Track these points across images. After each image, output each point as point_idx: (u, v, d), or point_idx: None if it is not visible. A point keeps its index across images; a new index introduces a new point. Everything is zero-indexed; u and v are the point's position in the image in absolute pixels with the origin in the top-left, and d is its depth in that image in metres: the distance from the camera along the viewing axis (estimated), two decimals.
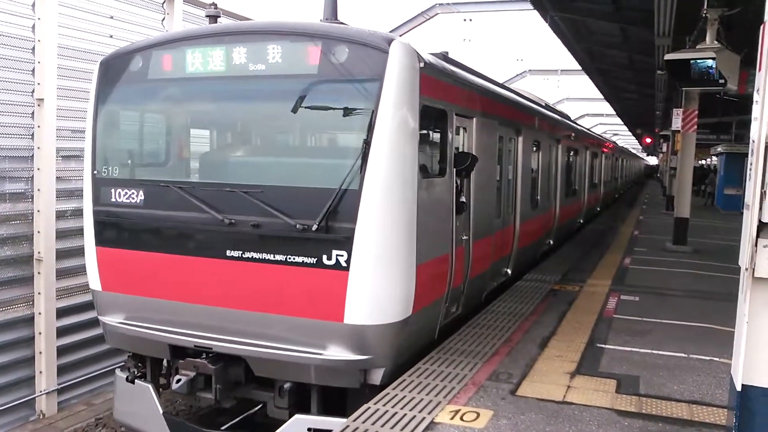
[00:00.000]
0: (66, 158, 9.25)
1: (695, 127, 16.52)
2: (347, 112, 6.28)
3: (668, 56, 11.06)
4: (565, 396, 5.97)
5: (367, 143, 5.92)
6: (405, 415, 5.38)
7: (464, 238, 7.99)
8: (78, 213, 9.44)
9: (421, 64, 6.41)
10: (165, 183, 6.79)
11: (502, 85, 11.81)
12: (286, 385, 6.44)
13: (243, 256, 6.37)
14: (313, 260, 6.08)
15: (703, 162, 46.84)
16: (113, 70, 7.17)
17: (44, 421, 8.93)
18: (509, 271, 10.83)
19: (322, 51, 6.17)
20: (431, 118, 6.89)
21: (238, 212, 6.34)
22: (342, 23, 6.92)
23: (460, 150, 7.89)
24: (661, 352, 7.42)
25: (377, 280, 6.06)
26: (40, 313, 8.85)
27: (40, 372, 8.93)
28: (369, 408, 5.52)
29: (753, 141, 4.08)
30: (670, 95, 20.58)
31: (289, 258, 6.17)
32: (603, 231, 19.81)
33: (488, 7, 18.76)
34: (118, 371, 7.75)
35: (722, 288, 10.92)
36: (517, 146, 10.88)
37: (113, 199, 7.00)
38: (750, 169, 4.10)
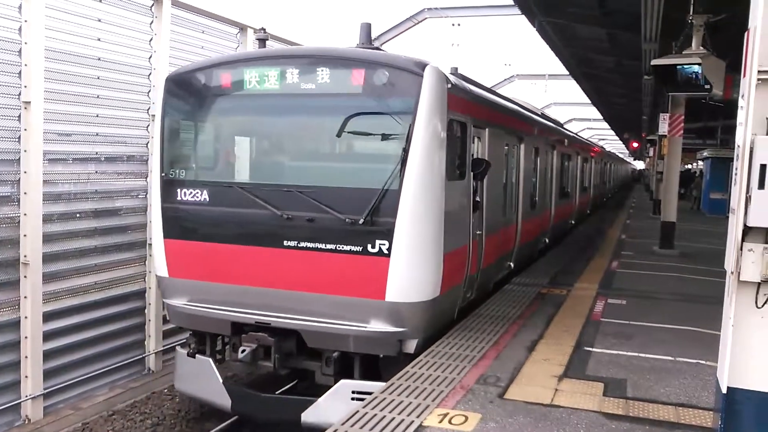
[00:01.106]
0: (53, 161, 9.19)
1: (681, 131, 16.65)
2: (387, 125, 7.32)
3: (655, 61, 11.13)
4: (552, 399, 6.00)
5: (405, 151, 7.07)
6: (393, 419, 5.38)
7: (478, 233, 9.11)
8: (64, 216, 9.42)
9: (449, 85, 7.59)
10: (230, 184, 7.98)
11: (505, 98, 13.07)
12: (335, 354, 7.50)
13: (298, 245, 7.47)
14: (359, 248, 7.20)
15: (690, 166, 47.18)
16: (178, 86, 8.24)
17: (30, 426, 8.86)
18: (512, 265, 11.94)
19: (365, 74, 7.34)
20: (455, 129, 7.96)
21: (294, 209, 7.44)
22: (377, 48, 8.49)
23: (476, 156, 8.97)
24: (647, 355, 7.46)
25: (413, 265, 7.20)
26: (26, 317, 8.77)
27: (26, 376, 8.85)
28: (358, 412, 5.53)
29: (738, 146, 4.13)
30: (656, 100, 20.72)
31: (339, 247, 7.28)
32: (590, 235, 19.90)
33: (477, 11, 18.83)
34: (178, 348, 8.78)
35: (708, 291, 10.99)
36: (519, 153, 12.02)
37: (179, 198, 8.06)
38: (735, 174, 4.15)
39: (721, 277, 4.40)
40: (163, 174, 8.20)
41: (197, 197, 7.96)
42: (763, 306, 4.12)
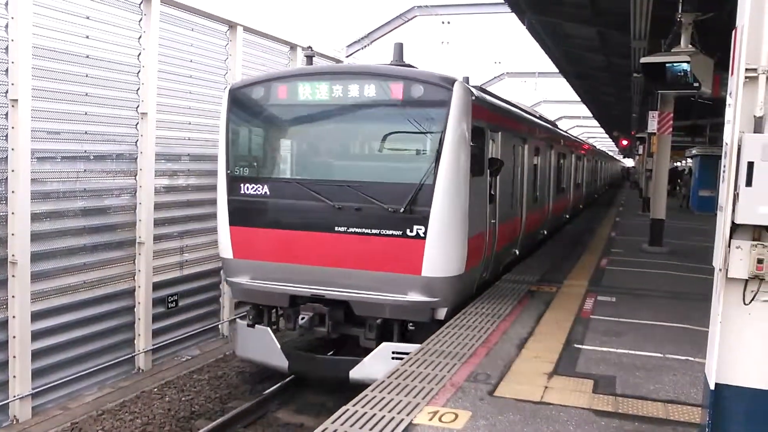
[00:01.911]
0: (41, 160, 9.13)
1: (671, 129, 16.71)
2: (423, 130, 8.76)
3: (644, 59, 11.18)
4: (542, 396, 6.01)
5: (438, 152, 8.47)
6: (383, 417, 5.38)
7: (492, 222, 10.52)
8: (53, 215, 9.36)
9: (472, 97, 9.00)
10: (288, 179, 9.42)
11: (511, 103, 14.30)
12: (377, 321, 8.85)
13: (347, 230, 8.84)
14: (399, 232, 8.60)
15: (678, 164, 47.37)
16: (240, 96, 9.58)
17: (18, 427, 8.81)
18: (517, 252, 13.27)
19: (404, 88, 8.73)
20: (476, 134, 9.28)
21: (344, 200, 8.81)
22: (409, 65, 9.83)
23: (491, 156, 10.30)
24: (637, 353, 7.49)
25: (444, 247, 8.58)
26: (14, 317, 8.72)
27: (14, 376, 8.79)
28: (347, 410, 5.52)
29: (726, 144, 4.15)
30: (646, 98, 20.79)
31: (382, 231, 8.69)
32: (580, 231, 19.96)
33: (466, 9, 18.82)
34: (238, 320, 10.26)
35: (698, 288, 11.04)
36: (523, 153, 13.33)
37: (243, 191, 9.40)
38: (723, 172, 4.16)
39: (709, 274, 4.43)
40: (228, 171, 9.51)
41: (258, 191, 9.35)
42: (750, 303, 4.13)
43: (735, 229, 4.13)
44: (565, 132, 26.29)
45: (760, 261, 4.05)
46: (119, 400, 9.63)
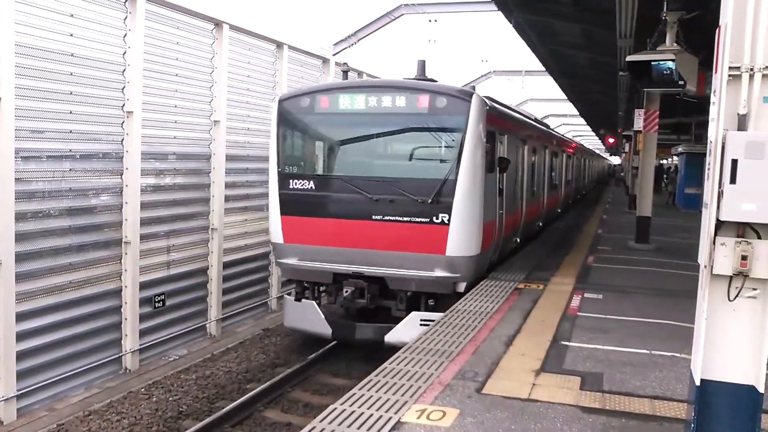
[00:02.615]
0: (26, 159, 9.06)
1: (656, 127, 16.79)
2: (446, 135, 10.45)
3: (630, 58, 11.22)
4: (530, 393, 6.03)
5: (460, 153, 10.08)
6: (371, 415, 5.38)
7: (500, 212, 12.14)
8: (38, 215, 9.29)
9: (487, 107, 10.62)
10: (332, 176, 11.06)
11: (513, 109, 16.37)
12: (408, 294, 10.53)
13: (383, 218, 10.44)
14: (427, 220, 10.19)
15: (664, 161, 47.62)
16: (288, 105, 11.17)
17: (3, 429, 8.73)
18: (518, 240, 14.95)
19: (430, 99, 10.34)
20: (488, 137, 10.76)
21: (380, 193, 10.41)
22: (431, 80, 11.52)
23: (500, 156, 11.81)
24: (624, 349, 7.53)
25: (464, 231, 10.17)
26: None
27: None
28: (335, 409, 5.52)
29: (711, 141, 4.17)
30: (632, 96, 20.89)
31: (413, 219, 10.28)
32: (568, 229, 20.04)
33: (453, 8, 18.83)
34: (286, 296, 11.94)
35: (684, 285, 11.09)
36: (523, 152, 14.87)
37: (292, 186, 10.99)
38: (708, 169, 4.19)
39: (695, 271, 4.45)
40: (279, 170, 11.08)
41: (305, 186, 10.95)
42: (735, 299, 4.16)
43: (720, 226, 4.15)
44: (557, 133, 28.40)
45: (744, 257, 4.07)
46: (106, 400, 9.58)
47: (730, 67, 4.04)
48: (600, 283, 11.38)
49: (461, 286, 10.50)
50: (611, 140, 45.72)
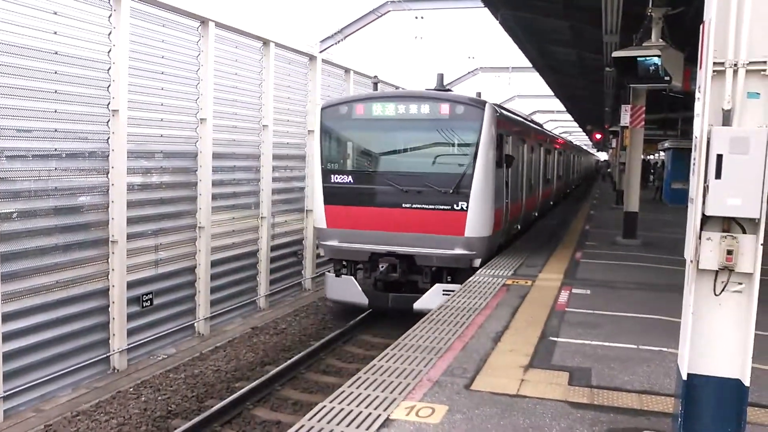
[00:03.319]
0: (11, 158, 8.99)
1: (643, 123, 16.86)
2: (464, 137, 12.58)
3: (615, 53, 11.25)
4: (518, 389, 6.04)
5: (475, 152, 12.26)
6: (360, 412, 5.38)
7: (506, 201, 14.36)
8: (24, 214, 9.22)
9: (497, 114, 12.92)
10: (368, 171, 13.11)
11: (514, 113, 18.86)
12: (433, 269, 12.65)
13: (412, 206, 12.51)
14: (449, 207, 12.30)
15: (651, 157, 47.83)
16: (329, 112, 13.26)
17: None
18: (519, 227, 16.97)
19: (450, 107, 12.49)
20: (498, 138, 12.88)
21: (409, 185, 12.49)
22: (449, 89, 14.58)
23: (506, 154, 13.88)
24: (612, 344, 7.56)
25: (479, 216, 12.29)
26: None
27: None
28: (324, 406, 5.51)
29: (696, 137, 4.19)
30: (618, 92, 20.95)
31: (436, 206, 12.37)
32: (555, 225, 20.10)
33: (440, 4, 18.82)
34: (327, 273, 13.77)
35: (671, 280, 11.17)
36: (524, 150, 17.06)
37: (333, 180, 13.07)
38: (693, 164, 4.21)
39: (682, 266, 4.48)
40: (322, 166, 13.18)
41: (345, 179, 13.02)
42: (720, 294, 4.19)
43: (705, 221, 4.18)
44: (549, 131, 31.05)
45: (729, 252, 4.11)
46: (94, 400, 9.53)
47: (714, 63, 4.07)
48: (588, 279, 11.43)
49: (477, 262, 12.49)
50: (598, 136, 45.84)
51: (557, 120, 52.71)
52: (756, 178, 4.00)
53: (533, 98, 39.78)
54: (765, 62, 4.01)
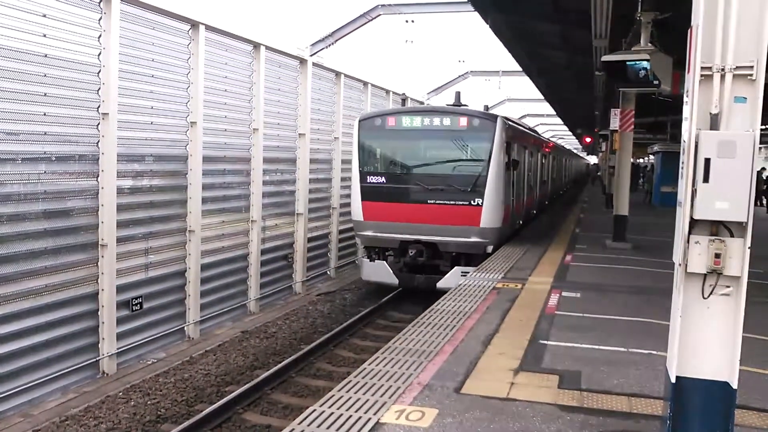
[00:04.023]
0: (0, 162, 8.94)
1: (632, 126, 16.96)
2: (479, 145, 14.87)
3: (605, 58, 11.31)
4: (509, 393, 6.06)
5: (489, 157, 14.59)
6: (350, 416, 5.37)
7: (512, 198, 16.79)
8: (13, 218, 9.17)
9: (506, 126, 15.30)
10: (398, 172, 15.62)
11: (518, 123, 21.20)
12: (453, 254, 14.94)
13: (435, 202, 14.84)
14: (466, 202, 14.62)
15: (641, 160, 48.02)
16: (365, 123, 15.80)
17: None
18: (520, 222, 19.14)
19: (467, 119, 14.93)
20: (507, 146, 15.31)
21: (433, 184, 14.86)
22: (464, 105, 16.76)
23: (512, 159, 16.25)
24: (602, 347, 7.59)
25: (491, 210, 14.58)
26: None
27: None
28: (314, 410, 5.51)
29: (684, 141, 4.22)
30: (608, 96, 21.03)
31: (456, 202, 14.71)
32: (545, 228, 20.16)
33: (430, 8, 18.86)
34: (363, 258, 16.38)
35: (660, 283, 11.23)
36: (525, 156, 19.41)
37: (369, 181, 15.49)
38: (682, 168, 4.24)
39: (671, 269, 4.50)
40: (360, 169, 15.58)
41: (379, 180, 15.44)
42: (709, 297, 4.21)
43: (694, 224, 4.20)
44: (545, 138, 34.14)
45: (717, 255, 4.13)
46: (83, 405, 9.48)
47: (702, 67, 4.09)
48: (578, 282, 11.47)
49: (489, 248, 14.87)
50: (588, 139, 46.02)
51: (547, 123, 52.84)
52: (743, 181, 4.03)
53: (524, 102, 39.89)
54: (752, 67, 4.04)
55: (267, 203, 15.59)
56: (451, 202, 14.72)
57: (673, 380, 4.31)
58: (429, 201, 14.87)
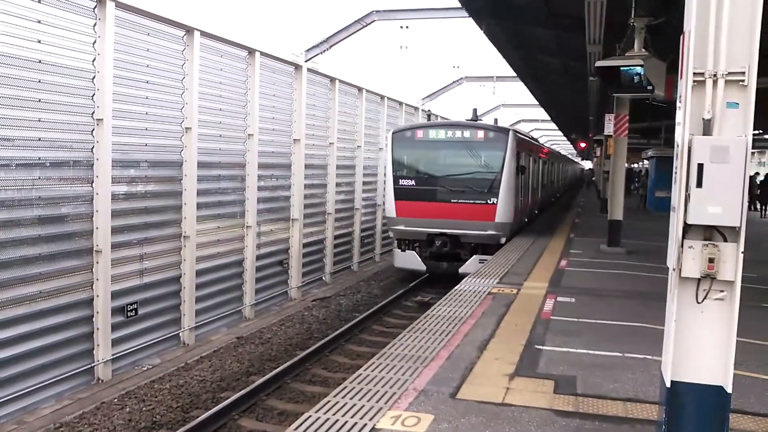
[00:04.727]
0: None
1: (626, 131, 17.01)
2: (494, 153, 17.49)
3: (599, 63, 11.35)
4: (504, 398, 6.06)
5: (502, 164, 17.30)
6: (346, 422, 5.37)
7: (521, 199, 19.38)
8: (7, 224, 9.14)
9: (516, 137, 18.11)
10: (426, 176, 18.13)
11: (524, 134, 25.45)
12: (472, 244, 17.47)
13: (458, 201, 17.41)
14: (483, 201, 17.21)
15: (636, 165, 48.12)
16: (398, 135, 18.49)
17: None
18: (526, 219, 21.72)
19: (484, 133, 17.87)
20: (517, 155, 17.94)
21: (455, 186, 17.51)
22: (480, 119, 21.86)
23: (520, 165, 18.89)
24: (597, 352, 7.60)
25: (504, 208, 17.25)
26: None
27: None
28: (310, 416, 5.50)
29: (677, 145, 4.24)
30: (602, 101, 21.11)
31: (475, 201, 17.31)
32: (539, 232, 20.19)
33: (425, 14, 18.89)
34: (395, 248, 18.77)
35: (654, 288, 11.25)
36: (530, 162, 21.71)
37: (401, 183, 18.10)
38: (675, 173, 4.25)
39: (665, 274, 4.51)
40: (394, 173, 18.31)
41: (409, 182, 18.17)
42: (703, 301, 4.23)
43: (687, 229, 4.22)
44: (545, 145, 37.03)
45: (711, 260, 4.15)
46: (78, 411, 9.44)
47: (694, 73, 4.12)
48: (573, 287, 11.48)
49: (503, 240, 17.51)
50: (583, 145, 46.16)
51: (542, 129, 52.97)
52: (736, 186, 4.05)
53: (518, 107, 39.96)
54: (743, 72, 4.07)
55: (262, 209, 15.58)
56: (471, 201, 17.41)
57: (668, 385, 4.32)
58: (452, 200, 17.57)
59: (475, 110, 21.22)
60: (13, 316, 9.27)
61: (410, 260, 18.23)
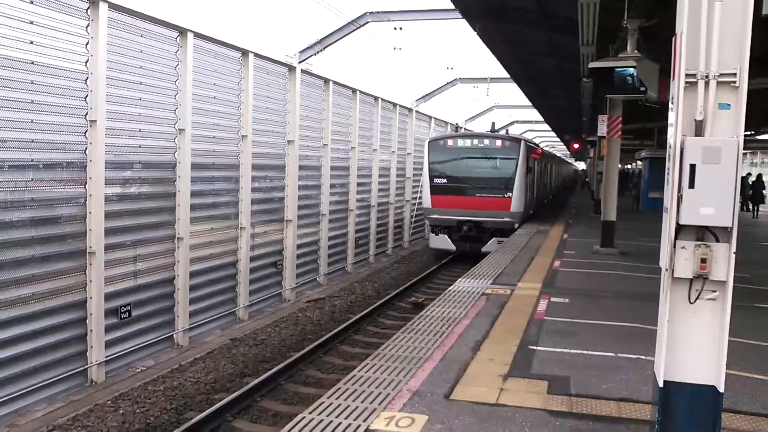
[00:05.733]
0: None
1: (620, 132, 17.06)
2: (509, 158, 22.86)
3: (592, 64, 11.39)
4: (498, 398, 6.07)
5: (516, 165, 22.63)
6: (340, 423, 5.37)
7: (529, 194, 24.38)
8: (0, 225, 9.13)
9: (526, 145, 24.04)
10: (456, 176, 23.14)
11: (531, 141, 30.09)
12: (492, 229, 22.46)
13: (481, 195, 22.62)
14: (501, 195, 22.47)
15: (629, 166, 48.24)
16: (433, 143, 24.03)
17: None
18: (531, 211, 25.92)
19: (502, 142, 23.50)
20: (526, 158, 23.39)
21: (479, 184, 22.80)
22: (497, 131, 27.97)
23: (529, 166, 23.79)
24: (590, 353, 7.62)
25: (517, 200, 22.48)
26: None
27: None
28: (304, 417, 5.50)
29: (670, 146, 4.26)
30: (596, 102, 21.16)
31: (494, 195, 22.51)
32: (533, 233, 20.25)
33: (418, 15, 18.93)
34: (430, 234, 23.96)
35: (647, 288, 11.25)
36: (534, 164, 26.04)
37: (436, 182, 23.16)
38: (668, 174, 4.27)
39: (658, 274, 4.53)
40: (430, 173, 23.08)
41: (443, 181, 22.96)
42: (695, 301, 4.25)
43: (680, 230, 4.24)
44: (543, 149, 39.04)
45: (703, 260, 4.17)
46: (71, 414, 9.41)
47: (686, 75, 4.14)
48: (566, 288, 11.51)
49: (516, 225, 22.25)
50: (576, 146, 46.15)
51: (536, 130, 53.07)
52: (728, 187, 4.08)
53: (512, 108, 40.06)
54: (735, 74, 4.09)
55: (256, 210, 15.56)
56: (491, 195, 22.16)
57: (661, 384, 4.34)
58: (476, 194, 22.40)
59: (493, 123, 27.74)
60: (5, 318, 9.23)
61: (443, 242, 22.87)
